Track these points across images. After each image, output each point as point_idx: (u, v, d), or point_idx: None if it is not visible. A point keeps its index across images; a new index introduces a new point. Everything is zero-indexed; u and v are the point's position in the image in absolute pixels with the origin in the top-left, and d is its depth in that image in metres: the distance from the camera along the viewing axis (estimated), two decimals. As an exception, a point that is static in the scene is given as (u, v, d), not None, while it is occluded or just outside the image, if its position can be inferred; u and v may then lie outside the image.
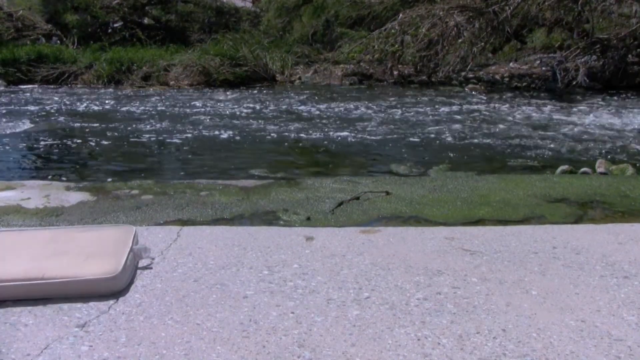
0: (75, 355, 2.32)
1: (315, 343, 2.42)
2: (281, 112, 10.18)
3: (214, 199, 4.71)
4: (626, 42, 12.58)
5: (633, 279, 3.09)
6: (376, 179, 5.46)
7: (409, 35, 13.50)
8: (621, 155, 7.09)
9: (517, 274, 3.13)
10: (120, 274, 2.85)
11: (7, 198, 4.57)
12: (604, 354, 2.36)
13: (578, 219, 4.30)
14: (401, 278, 3.07)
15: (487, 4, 12.90)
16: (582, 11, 12.55)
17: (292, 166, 6.58)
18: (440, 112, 10.09)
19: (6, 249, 3.08)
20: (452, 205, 4.57)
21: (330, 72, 14.47)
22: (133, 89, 13.03)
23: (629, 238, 3.72)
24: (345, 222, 4.20)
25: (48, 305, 2.70)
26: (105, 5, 17.89)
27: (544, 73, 13.58)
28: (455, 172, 6.17)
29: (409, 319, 2.63)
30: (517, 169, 6.47)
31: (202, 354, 2.34)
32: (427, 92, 12.47)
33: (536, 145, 7.62)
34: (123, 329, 2.52)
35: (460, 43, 13.16)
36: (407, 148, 7.58)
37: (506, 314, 2.69)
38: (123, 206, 4.46)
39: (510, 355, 2.35)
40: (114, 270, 2.84)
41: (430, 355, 2.35)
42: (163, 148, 7.57)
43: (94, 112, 9.96)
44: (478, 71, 14.17)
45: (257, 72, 13.79)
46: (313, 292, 2.88)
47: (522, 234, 3.78)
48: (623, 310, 2.73)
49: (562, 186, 5.15)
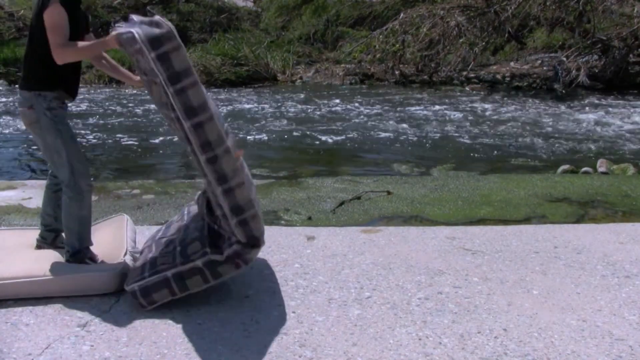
0: (77, 355, 2.32)
1: (316, 342, 2.42)
2: (282, 111, 10.18)
3: (215, 199, 4.70)
4: (627, 41, 12.56)
5: (634, 278, 3.09)
6: (377, 179, 5.46)
7: (410, 35, 13.50)
8: (622, 155, 7.09)
9: (518, 274, 3.13)
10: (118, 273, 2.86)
11: (9, 197, 4.58)
12: (605, 354, 2.36)
13: (579, 219, 4.30)
14: (402, 278, 3.07)
15: (488, 4, 12.89)
16: (583, 11, 12.54)
17: (293, 166, 6.58)
18: (441, 112, 10.08)
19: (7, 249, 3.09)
20: (454, 205, 4.57)
21: (332, 72, 14.47)
22: (134, 88, 13.03)
23: (630, 237, 3.72)
24: (346, 221, 4.20)
25: (49, 304, 2.71)
26: (107, 5, 17.91)
27: (545, 73, 13.56)
28: (456, 171, 6.17)
29: (410, 318, 2.63)
30: (518, 169, 6.46)
31: (204, 353, 2.34)
32: (428, 92, 12.47)
33: (537, 145, 7.61)
34: (124, 329, 2.52)
35: (462, 43, 13.16)
36: (408, 147, 7.58)
37: (507, 313, 2.69)
38: (124, 205, 4.46)
39: (511, 355, 2.35)
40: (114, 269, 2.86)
41: (431, 354, 2.35)
42: (164, 147, 7.57)
43: (94, 112, 9.96)
44: (479, 71, 14.16)
45: (259, 72, 13.79)
46: (314, 292, 2.88)
47: (523, 234, 3.78)
48: (624, 310, 2.73)
49: (563, 186, 5.15)
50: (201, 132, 2.49)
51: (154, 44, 2.45)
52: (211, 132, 2.51)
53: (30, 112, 2.79)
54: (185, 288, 2.65)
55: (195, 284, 2.65)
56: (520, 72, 14.23)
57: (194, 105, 2.48)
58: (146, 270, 2.73)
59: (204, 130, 2.49)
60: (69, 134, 2.84)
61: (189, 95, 2.47)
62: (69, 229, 2.90)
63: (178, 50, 2.47)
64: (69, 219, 2.88)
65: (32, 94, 2.77)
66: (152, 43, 2.45)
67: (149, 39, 2.46)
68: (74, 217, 2.87)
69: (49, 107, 2.78)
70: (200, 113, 2.48)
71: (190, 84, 2.48)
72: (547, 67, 14.11)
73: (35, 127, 2.82)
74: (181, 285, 2.65)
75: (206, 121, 2.50)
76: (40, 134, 2.82)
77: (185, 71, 2.48)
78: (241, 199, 2.60)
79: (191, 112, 2.47)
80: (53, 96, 2.79)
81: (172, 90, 2.46)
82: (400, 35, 13.54)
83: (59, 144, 2.80)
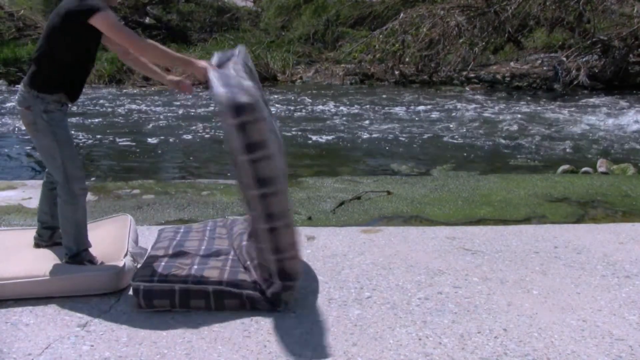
0: (77, 355, 2.32)
1: (316, 342, 2.42)
2: (282, 111, 10.18)
3: (215, 199, 4.71)
4: (627, 41, 12.55)
5: (634, 278, 3.09)
6: (377, 179, 5.46)
7: (410, 35, 13.49)
8: (622, 155, 7.09)
9: (518, 274, 3.13)
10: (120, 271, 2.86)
11: (9, 197, 4.58)
12: (605, 354, 2.36)
13: (579, 219, 4.30)
14: (402, 278, 3.07)
15: (488, 4, 12.89)
16: (583, 11, 12.53)
17: (293, 165, 6.58)
18: (441, 112, 10.08)
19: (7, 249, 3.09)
20: (454, 205, 4.57)
21: (332, 72, 14.45)
22: (134, 88, 13.03)
23: (630, 238, 3.72)
24: (346, 221, 4.20)
25: (49, 304, 2.71)
26: (107, 5, 17.92)
27: (545, 73, 13.55)
28: (456, 171, 6.17)
29: (410, 318, 2.63)
30: (518, 169, 6.46)
31: (204, 353, 2.34)
32: (428, 92, 12.46)
33: (537, 145, 7.62)
34: (124, 329, 2.52)
35: (462, 43, 13.15)
36: (408, 147, 7.58)
37: (507, 313, 2.69)
38: (124, 206, 4.46)
39: (511, 355, 2.35)
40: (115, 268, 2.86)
41: (431, 354, 2.35)
42: (164, 147, 7.57)
43: (94, 112, 9.96)
44: (479, 71, 14.14)
45: (259, 72, 13.76)
46: (314, 292, 2.88)
47: (523, 234, 3.78)
48: (624, 310, 2.73)
49: (563, 186, 5.15)
50: (268, 203, 2.56)
51: (237, 111, 2.48)
52: (278, 204, 2.57)
53: (28, 112, 2.79)
54: (186, 305, 2.67)
55: (197, 305, 2.67)
56: (520, 72, 14.22)
57: (264, 177, 2.53)
58: (156, 273, 2.74)
59: (270, 202, 2.56)
60: (64, 137, 2.83)
61: (260, 166, 2.52)
62: (65, 232, 2.91)
63: (257, 123, 2.50)
64: (65, 222, 2.89)
65: (31, 94, 2.77)
66: (236, 110, 2.48)
67: (233, 106, 2.48)
68: (69, 221, 2.88)
69: (46, 110, 2.77)
70: (268, 185, 2.54)
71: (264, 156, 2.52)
72: (547, 67, 14.10)
73: (31, 127, 2.82)
74: (184, 302, 2.66)
75: (273, 193, 2.56)
76: (37, 135, 2.82)
77: (261, 143, 2.51)
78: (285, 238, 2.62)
79: (261, 183, 2.53)
80: (52, 99, 2.78)
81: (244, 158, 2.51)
82: (400, 35, 13.52)
83: (54, 146, 2.79)
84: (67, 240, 2.91)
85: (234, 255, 2.99)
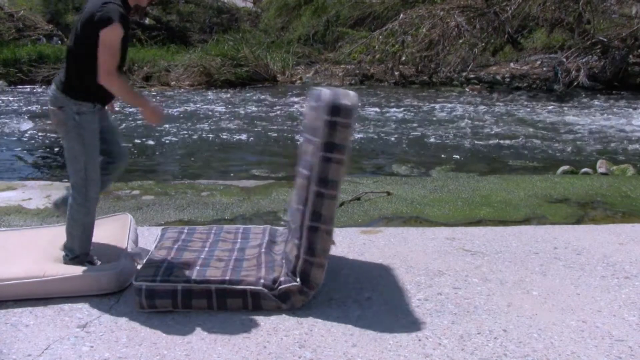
0: (77, 356, 2.32)
1: (316, 343, 2.42)
2: (282, 112, 10.19)
3: (215, 199, 4.71)
4: (627, 42, 12.56)
5: (634, 279, 3.09)
6: (377, 179, 5.46)
7: (409, 36, 13.49)
8: (622, 156, 7.09)
9: (518, 275, 3.13)
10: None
11: (8, 198, 4.57)
12: (605, 355, 2.36)
13: (579, 220, 4.30)
14: (402, 278, 3.07)
15: (488, 5, 12.90)
16: (583, 11, 12.54)
17: (293, 166, 6.57)
18: (441, 113, 10.09)
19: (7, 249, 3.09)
20: (453, 206, 4.57)
21: (331, 73, 14.46)
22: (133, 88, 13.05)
23: (630, 238, 3.72)
24: (346, 222, 4.20)
25: (49, 305, 2.71)
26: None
27: (545, 73, 13.56)
28: (456, 172, 6.17)
29: (410, 319, 2.63)
30: (518, 170, 6.46)
31: (203, 354, 2.34)
32: (428, 93, 12.47)
33: (537, 146, 7.62)
34: (124, 329, 2.52)
35: (461, 43, 13.16)
36: (408, 148, 7.58)
37: (507, 314, 2.69)
38: (124, 206, 4.46)
39: (511, 356, 2.35)
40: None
41: (431, 355, 2.35)
42: (164, 148, 7.57)
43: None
44: (479, 71, 14.14)
45: (258, 73, 13.77)
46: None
47: (523, 235, 3.78)
48: (624, 311, 2.73)
49: (563, 186, 5.15)
50: (322, 203, 2.67)
51: (335, 110, 2.60)
52: (329, 207, 2.67)
53: (59, 112, 2.78)
54: (189, 305, 2.67)
55: (199, 305, 2.67)
56: (520, 73, 14.23)
57: (330, 178, 2.63)
58: (159, 273, 2.73)
59: (324, 203, 2.67)
60: (91, 141, 2.82)
61: (332, 167, 2.63)
62: (71, 235, 2.91)
63: (347, 128, 2.62)
64: (73, 225, 2.89)
65: (64, 96, 2.76)
66: (335, 109, 2.60)
67: (333, 104, 2.61)
68: (78, 224, 2.88)
69: (79, 112, 2.77)
70: (330, 187, 2.65)
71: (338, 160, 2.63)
72: (546, 68, 14.10)
73: (61, 127, 2.82)
74: (186, 302, 2.66)
75: (330, 196, 2.66)
76: (65, 136, 2.82)
77: (341, 146, 2.62)
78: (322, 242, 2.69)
79: (325, 182, 2.64)
80: (84, 102, 2.78)
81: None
82: (400, 36, 13.53)
83: (79, 149, 2.79)
84: (70, 242, 2.92)
85: (238, 256, 2.99)
